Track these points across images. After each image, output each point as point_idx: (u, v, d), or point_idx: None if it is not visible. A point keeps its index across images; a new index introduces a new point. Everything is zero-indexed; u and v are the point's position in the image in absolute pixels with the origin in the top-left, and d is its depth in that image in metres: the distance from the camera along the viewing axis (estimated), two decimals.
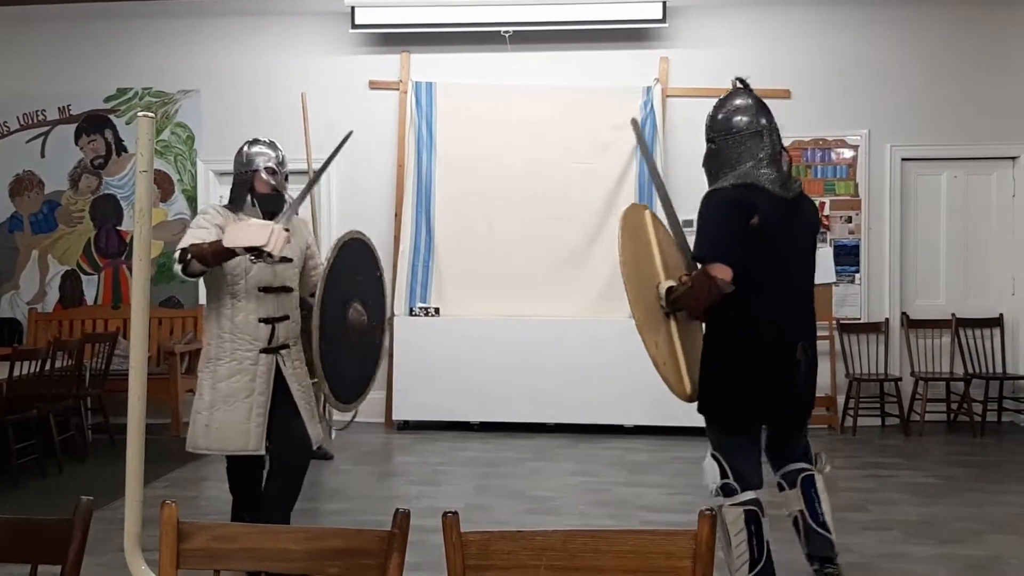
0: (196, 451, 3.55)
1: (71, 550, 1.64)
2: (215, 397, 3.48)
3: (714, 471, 3.12)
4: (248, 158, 3.64)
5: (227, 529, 1.66)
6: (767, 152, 3.11)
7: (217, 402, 3.48)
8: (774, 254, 3.05)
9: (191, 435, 3.54)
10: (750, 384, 3.05)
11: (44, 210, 7.57)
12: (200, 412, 3.51)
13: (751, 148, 3.10)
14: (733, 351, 3.07)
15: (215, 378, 3.50)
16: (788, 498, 3.32)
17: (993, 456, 6.11)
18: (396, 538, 1.57)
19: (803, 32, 7.12)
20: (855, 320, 7.04)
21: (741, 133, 3.13)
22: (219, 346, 3.51)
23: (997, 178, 7.17)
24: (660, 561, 1.54)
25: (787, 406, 3.11)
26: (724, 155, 3.14)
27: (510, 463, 5.79)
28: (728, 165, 3.11)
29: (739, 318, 3.02)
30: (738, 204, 3.00)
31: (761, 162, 3.09)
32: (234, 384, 3.49)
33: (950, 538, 4.23)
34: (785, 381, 3.06)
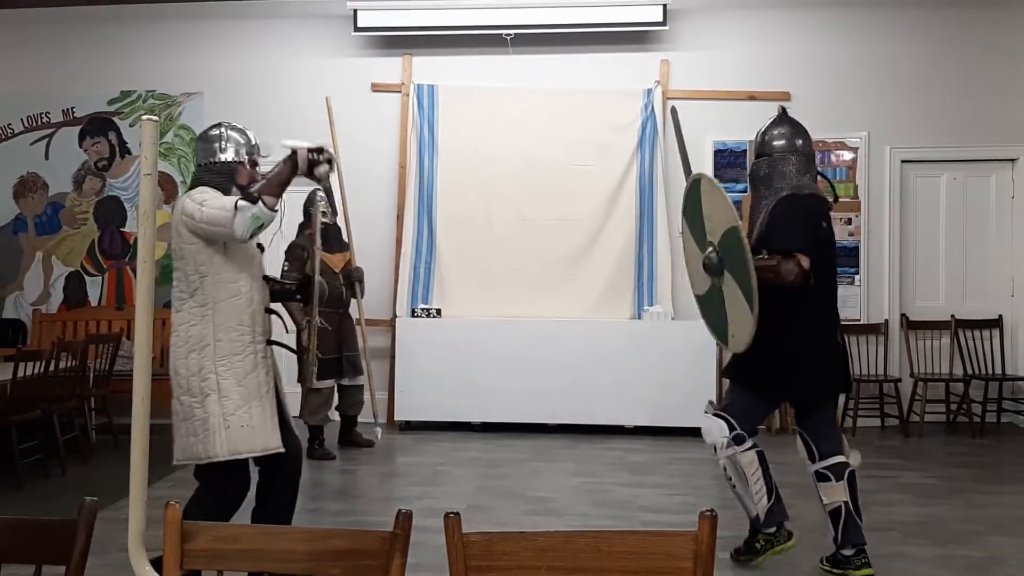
0: (237, 456, 3.21)
1: (75, 550, 1.66)
2: (245, 394, 3.24)
3: (720, 428, 3.64)
4: (225, 146, 3.43)
5: (230, 530, 1.69)
6: (814, 169, 3.74)
7: (249, 399, 3.24)
8: (831, 256, 3.70)
9: (226, 441, 3.19)
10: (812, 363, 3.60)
11: (48, 212, 7.60)
12: (234, 414, 3.20)
13: (800, 166, 3.66)
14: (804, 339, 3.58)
15: (238, 374, 3.24)
16: (833, 489, 3.63)
17: (992, 457, 6.12)
18: (398, 539, 1.59)
19: (803, 35, 7.15)
20: (855, 321, 7.06)
21: (795, 153, 3.68)
22: (236, 339, 3.25)
23: (996, 180, 7.19)
24: (661, 562, 1.56)
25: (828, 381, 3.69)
26: (778, 170, 3.66)
27: (511, 464, 5.81)
28: (784, 178, 3.64)
29: (809, 312, 3.57)
30: (814, 212, 3.61)
31: (814, 177, 3.72)
32: (258, 378, 3.29)
33: (949, 539, 4.25)
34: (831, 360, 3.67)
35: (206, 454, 3.22)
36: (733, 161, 7.11)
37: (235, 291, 3.28)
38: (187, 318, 3.28)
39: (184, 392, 3.26)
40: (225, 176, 3.38)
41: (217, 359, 3.24)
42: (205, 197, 3.23)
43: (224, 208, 3.12)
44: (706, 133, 7.13)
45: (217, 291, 3.26)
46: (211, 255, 3.24)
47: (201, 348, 3.24)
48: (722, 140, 7.14)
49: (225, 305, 3.26)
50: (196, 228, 3.21)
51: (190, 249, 3.25)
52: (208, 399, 3.21)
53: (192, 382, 3.25)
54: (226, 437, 3.20)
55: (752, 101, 7.12)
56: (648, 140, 7.07)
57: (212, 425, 3.20)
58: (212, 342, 3.24)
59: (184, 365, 3.26)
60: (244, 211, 3.07)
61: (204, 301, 3.26)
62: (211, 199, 3.21)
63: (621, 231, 7.10)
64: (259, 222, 3.13)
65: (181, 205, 3.28)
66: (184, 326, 3.28)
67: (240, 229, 3.09)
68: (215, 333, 3.24)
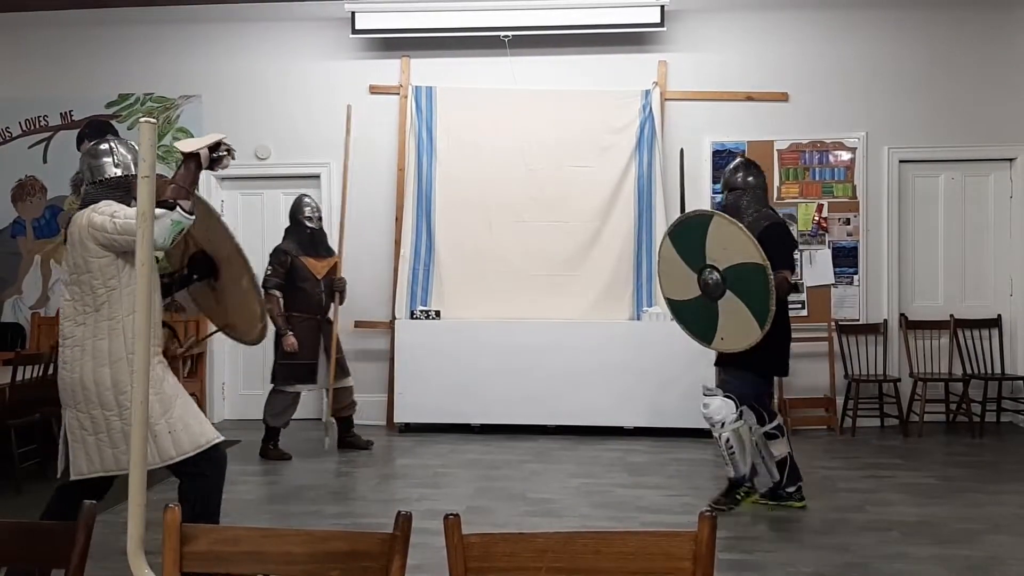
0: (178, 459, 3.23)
1: (74, 554, 1.66)
2: (163, 400, 3.23)
3: (729, 407, 4.57)
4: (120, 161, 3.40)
5: (230, 532, 1.69)
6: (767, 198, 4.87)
7: (168, 405, 3.25)
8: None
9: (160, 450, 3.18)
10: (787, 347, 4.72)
11: (46, 215, 7.60)
12: (158, 423, 3.17)
13: (758, 196, 4.74)
14: (785, 329, 4.63)
15: (153, 386, 3.14)
16: (780, 444, 4.69)
17: (992, 457, 6.12)
18: (398, 540, 1.59)
19: (801, 35, 7.15)
20: (854, 321, 7.06)
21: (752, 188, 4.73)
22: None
23: (995, 180, 7.19)
24: (661, 562, 1.57)
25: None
26: (753, 199, 4.70)
27: (511, 465, 5.81)
28: (762, 206, 4.72)
29: (784, 308, 4.60)
30: (790, 234, 4.81)
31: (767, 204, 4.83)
32: (170, 382, 3.32)
33: (949, 538, 4.25)
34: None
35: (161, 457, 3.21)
36: (731, 162, 7.10)
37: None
38: (94, 332, 3.25)
39: (95, 406, 3.24)
40: (123, 190, 3.35)
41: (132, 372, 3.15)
42: (114, 209, 3.23)
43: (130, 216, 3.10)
44: (704, 134, 7.14)
45: (124, 305, 3.24)
46: (119, 268, 3.23)
47: (113, 362, 3.22)
48: (720, 141, 7.14)
49: (132, 319, 3.20)
50: (110, 241, 3.19)
51: (98, 263, 3.22)
52: (127, 411, 3.14)
53: (106, 396, 3.23)
54: (178, 439, 3.23)
55: (750, 102, 7.12)
56: (646, 141, 7.07)
57: (158, 432, 3.19)
58: (124, 355, 3.22)
59: (93, 380, 3.23)
60: (163, 218, 3.08)
61: (112, 315, 3.24)
62: (121, 210, 3.22)
63: (620, 232, 7.10)
64: (180, 227, 3.17)
65: (87, 219, 3.25)
66: (91, 340, 3.24)
67: (161, 236, 3.08)
68: (126, 347, 3.22)
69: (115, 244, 3.19)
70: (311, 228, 6.19)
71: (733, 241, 4.40)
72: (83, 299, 3.27)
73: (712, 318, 4.56)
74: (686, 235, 4.66)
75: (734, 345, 4.52)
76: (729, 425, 4.57)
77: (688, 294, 4.68)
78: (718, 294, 4.52)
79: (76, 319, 3.27)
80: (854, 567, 3.86)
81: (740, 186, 4.71)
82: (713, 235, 4.49)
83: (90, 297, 3.25)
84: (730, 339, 4.53)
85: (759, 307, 4.32)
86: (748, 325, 4.38)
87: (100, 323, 3.24)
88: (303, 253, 6.09)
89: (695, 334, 4.77)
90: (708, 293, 4.56)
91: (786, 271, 4.48)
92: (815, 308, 7.08)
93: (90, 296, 3.25)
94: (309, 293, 6.08)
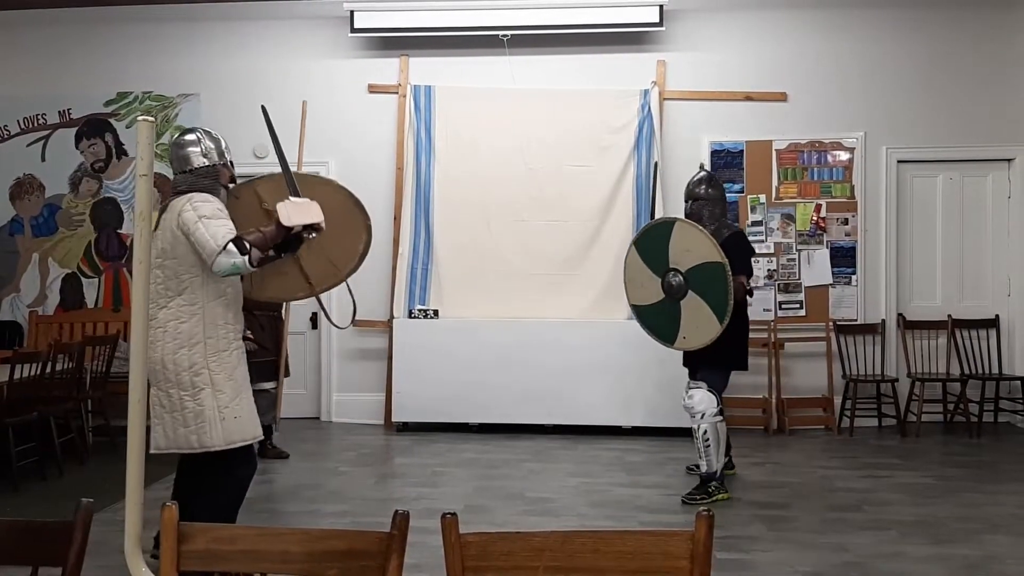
0: (232, 446, 3.41)
1: (72, 552, 1.66)
2: (235, 387, 3.45)
3: (712, 401, 4.91)
4: (207, 151, 3.58)
5: (227, 531, 1.69)
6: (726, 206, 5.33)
7: (238, 392, 3.46)
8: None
9: (222, 432, 3.38)
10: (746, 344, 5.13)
11: (45, 213, 7.59)
12: (227, 407, 3.40)
13: (719, 206, 5.18)
14: (745, 324, 5.08)
15: (227, 369, 3.44)
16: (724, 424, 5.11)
17: (989, 456, 6.12)
18: (395, 539, 1.59)
19: (800, 35, 7.15)
20: (852, 321, 7.07)
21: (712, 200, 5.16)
22: (223, 336, 3.45)
23: (993, 180, 7.19)
24: (658, 562, 1.57)
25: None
26: (715, 210, 5.14)
27: (509, 464, 5.81)
28: (720, 217, 5.15)
29: (743, 307, 5.01)
30: (748, 242, 5.28)
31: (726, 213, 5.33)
32: (243, 372, 3.52)
33: (946, 538, 4.26)
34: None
35: (200, 444, 3.38)
36: (730, 162, 7.12)
37: (222, 292, 3.46)
38: (176, 315, 3.40)
39: (172, 385, 3.39)
40: (210, 178, 3.54)
41: (208, 355, 3.40)
42: (205, 211, 3.36)
43: (215, 239, 3.29)
44: (703, 134, 7.14)
45: (207, 291, 3.42)
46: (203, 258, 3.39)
47: (191, 344, 3.39)
48: (719, 140, 7.15)
49: (214, 304, 3.42)
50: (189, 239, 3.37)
51: (183, 250, 3.39)
52: (202, 393, 3.38)
53: (183, 376, 3.38)
54: (222, 428, 3.38)
55: (749, 101, 7.13)
56: (645, 141, 7.07)
57: (208, 417, 3.37)
58: (203, 339, 3.40)
59: (173, 360, 3.38)
60: (230, 255, 3.27)
61: (194, 300, 3.40)
62: (211, 220, 3.34)
63: (618, 232, 7.09)
64: (236, 271, 3.33)
65: (179, 209, 3.39)
66: (173, 322, 3.39)
67: (219, 267, 3.29)
68: (205, 331, 3.40)
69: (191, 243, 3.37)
70: None
71: (695, 243, 4.77)
72: (167, 283, 3.42)
73: (675, 318, 4.91)
74: (650, 242, 5.05)
75: (695, 342, 4.84)
76: (709, 417, 4.88)
77: (652, 298, 5.03)
78: (681, 295, 4.85)
79: (159, 302, 3.42)
80: (852, 567, 3.87)
81: (703, 197, 5.15)
82: (676, 240, 4.86)
83: (174, 282, 3.41)
84: (692, 337, 4.86)
85: (718, 303, 4.66)
86: (709, 321, 4.72)
87: (182, 307, 3.40)
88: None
89: (659, 336, 5.08)
90: (671, 295, 4.90)
91: (743, 276, 4.90)
92: (813, 308, 7.08)
93: (174, 281, 3.41)
94: None
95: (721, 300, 4.64)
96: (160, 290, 3.41)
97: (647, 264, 5.02)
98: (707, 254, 4.69)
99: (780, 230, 7.13)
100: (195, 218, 3.34)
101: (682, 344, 4.98)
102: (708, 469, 4.91)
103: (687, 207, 5.20)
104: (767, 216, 7.11)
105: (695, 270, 4.76)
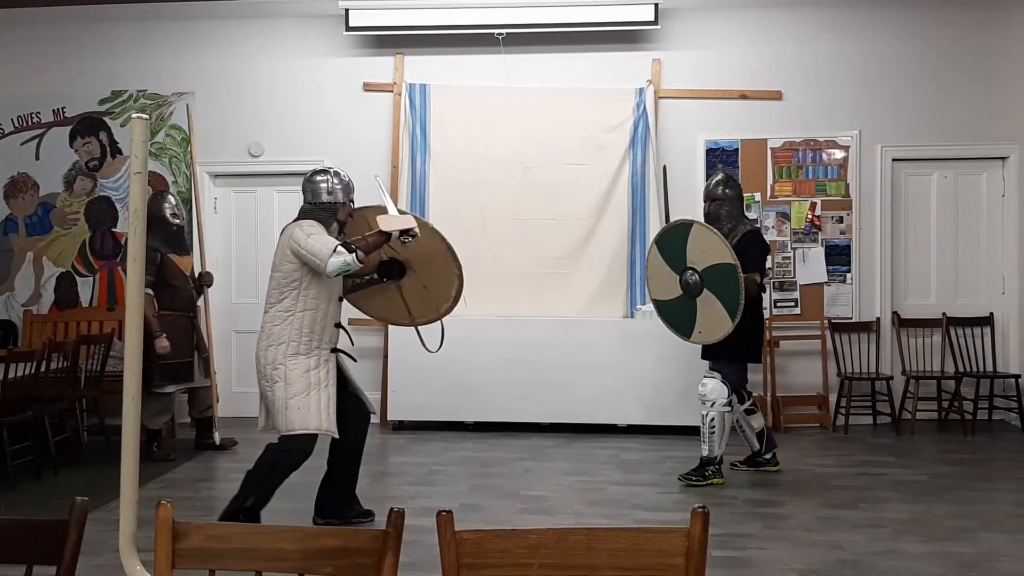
0: (293, 432, 4.06)
1: (66, 551, 1.66)
2: (306, 384, 4.07)
3: (722, 391, 5.15)
4: (332, 190, 4.26)
5: (222, 529, 1.68)
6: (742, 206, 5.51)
7: (308, 389, 4.07)
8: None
9: (286, 419, 4.05)
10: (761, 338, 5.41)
11: (39, 212, 7.56)
12: (293, 398, 4.05)
13: (736, 205, 5.37)
14: (759, 320, 5.29)
15: (300, 369, 4.08)
16: (758, 417, 5.45)
17: (984, 454, 6.14)
18: (390, 537, 1.59)
19: (795, 34, 7.16)
20: (847, 319, 7.08)
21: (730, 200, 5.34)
22: (305, 343, 4.11)
23: (987, 178, 7.21)
24: (653, 559, 1.57)
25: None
26: (732, 210, 5.32)
27: (504, 463, 5.81)
28: (737, 216, 5.33)
29: (759, 305, 5.26)
30: (763, 241, 5.46)
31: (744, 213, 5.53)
32: (318, 375, 4.12)
33: (941, 536, 4.27)
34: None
35: (274, 426, 4.15)
36: (725, 160, 7.12)
37: (314, 305, 4.14)
38: (272, 319, 4.14)
39: (262, 377, 4.15)
40: (330, 213, 4.25)
41: (288, 356, 4.09)
42: (313, 231, 4.08)
43: (326, 246, 3.98)
44: (698, 132, 7.15)
45: (300, 302, 4.12)
46: (302, 274, 4.10)
47: (277, 344, 4.10)
48: (714, 139, 7.15)
49: (303, 315, 4.12)
50: (298, 252, 4.06)
51: (288, 267, 4.11)
52: (276, 385, 4.09)
53: (267, 369, 4.12)
54: (286, 417, 4.07)
55: (744, 100, 7.13)
56: (640, 139, 7.08)
57: (279, 406, 4.09)
58: (287, 341, 4.10)
59: (263, 356, 4.14)
60: (340, 256, 3.95)
61: (289, 308, 4.12)
62: (318, 234, 4.06)
63: (614, 230, 7.11)
64: (347, 267, 3.99)
65: (291, 231, 4.14)
66: (268, 325, 4.15)
67: (331, 268, 3.96)
68: (290, 335, 4.10)
69: (299, 255, 4.06)
70: (176, 224, 6.19)
71: (710, 245, 5.03)
72: (271, 292, 4.19)
73: (692, 314, 5.19)
74: (670, 242, 5.30)
75: (709, 337, 5.12)
76: (718, 406, 5.15)
77: (671, 294, 5.29)
78: (697, 292, 5.12)
79: (265, 307, 4.22)
80: (847, 564, 3.88)
81: (720, 197, 5.34)
82: (693, 240, 5.12)
83: (275, 292, 4.16)
84: (706, 332, 5.13)
85: (731, 302, 4.92)
86: (722, 319, 4.98)
87: (278, 313, 4.13)
88: (170, 250, 6.09)
89: (677, 329, 5.37)
90: (688, 292, 5.16)
91: (756, 273, 5.10)
92: (808, 306, 7.10)
93: (275, 291, 4.16)
94: (180, 290, 6.11)
95: (733, 300, 4.89)
96: (267, 297, 4.21)
97: (667, 262, 5.28)
98: (720, 255, 4.95)
99: (775, 228, 7.14)
100: (305, 236, 4.04)
101: (697, 339, 5.25)
102: (709, 453, 5.19)
103: (706, 207, 5.41)
104: (762, 214, 7.12)
105: (710, 270, 5.02)
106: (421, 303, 4.63)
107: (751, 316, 5.03)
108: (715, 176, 5.51)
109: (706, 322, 5.10)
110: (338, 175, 4.33)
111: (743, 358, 5.27)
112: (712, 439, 5.16)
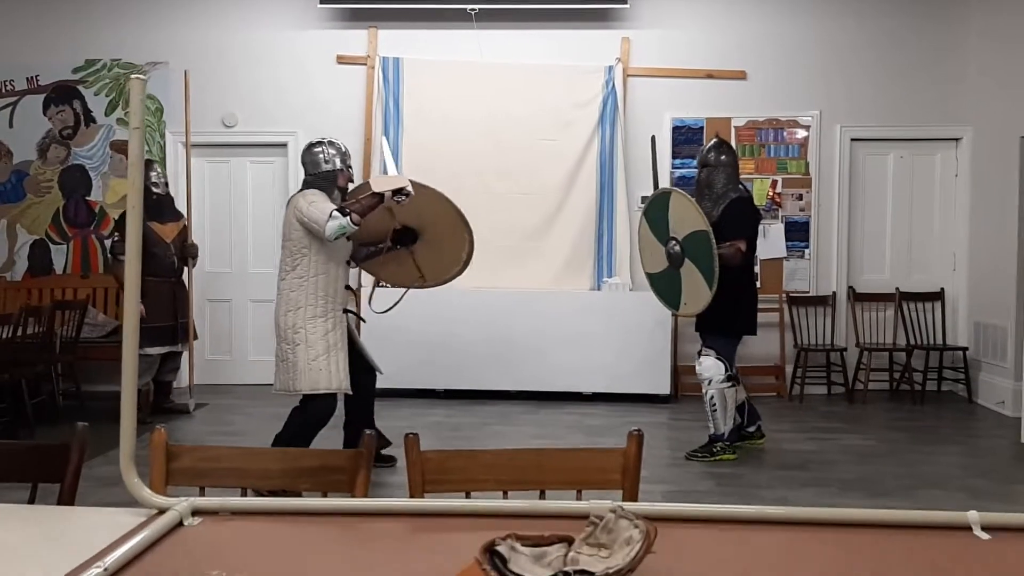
0: (316, 391, 4.35)
1: (69, 470, 1.83)
2: (325, 346, 4.34)
3: (719, 368, 5.06)
4: (329, 158, 4.53)
5: (212, 451, 1.86)
6: (738, 176, 5.30)
7: (328, 350, 4.35)
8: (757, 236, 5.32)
9: (308, 380, 4.32)
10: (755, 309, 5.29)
11: (12, 180, 7.60)
12: (315, 360, 4.33)
13: (730, 174, 5.17)
14: (749, 290, 5.23)
15: (319, 331, 4.35)
16: (740, 390, 5.26)
17: (931, 422, 6.42)
18: (363, 456, 1.78)
19: (760, 16, 7.34)
20: (804, 293, 7.33)
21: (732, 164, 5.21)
22: (322, 305, 4.38)
23: (941, 159, 7.47)
24: (595, 475, 1.77)
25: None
26: (726, 177, 5.15)
27: (473, 427, 6.01)
28: (731, 183, 5.16)
29: (751, 276, 5.29)
30: (755, 211, 5.33)
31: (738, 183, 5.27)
32: (335, 335, 4.41)
33: (882, 492, 4.54)
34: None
35: (295, 387, 4.37)
36: (690, 138, 7.32)
37: (324, 269, 4.41)
38: (290, 285, 4.39)
39: (282, 340, 4.39)
40: (330, 181, 4.52)
41: (307, 319, 4.36)
42: (315, 199, 4.35)
43: (323, 213, 4.23)
44: (664, 110, 7.33)
45: (312, 268, 4.37)
46: (310, 240, 4.34)
47: (296, 309, 4.36)
48: (680, 117, 7.35)
49: (316, 279, 4.38)
50: (301, 220, 4.31)
51: (296, 235, 4.36)
52: (298, 348, 4.34)
53: (287, 334, 4.36)
54: (307, 377, 4.33)
55: (710, 79, 7.32)
56: (608, 116, 7.25)
57: (300, 367, 4.34)
58: (304, 305, 4.36)
59: (283, 321, 4.38)
60: (336, 220, 4.19)
61: (303, 274, 4.37)
62: (318, 202, 4.32)
63: (582, 205, 7.29)
64: (344, 230, 4.23)
65: (295, 201, 4.41)
66: (286, 291, 4.40)
67: (329, 231, 4.20)
68: (307, 299, 4.36)
69: (304, 224, 4.31)
70: (157, 193, 6.35)
71: (686, 212, 4.95)
72: (284, 260, 4.44)
73: (677, 286, 5.15)
74: (655, 213, 5.24)
75: (693, 308, 5.07)
76: (716, 383, 5.09)
77: (660, 266, 5.25)
78: (679, 263, 5.07)
79: (280, 274, 4.47)
80: None
81: (712, 163, 5.19)
82: (673, 209, 5.06)
83: (289, 259, 4.41)
84: (691, 303, 5.08)
85: (706, 268, 4.84)
86: (702, 287, 4.90)
87: (293, 279, 4.39)
88: (149, 219, 6.21)
89: (666, 302, 5.38)
90: (672, 263, 5.12)
91: (740, 240, 4.95)
92: (767, 280, 7.33)
93: (288, 258, 4.41)
94: (160, 257, 6.25)
95: (708, 266, 4.80)
96: (281, 265, 4.45)
97: (653, 233, 5.25)
98: (695, 223, 4.88)
99: None
100: (307, 204, 4.32)
101: (684, 310, 5.23)
102: (715, 431, 5.16)
103: (699, 174, 5.29)
104: None
105: (689, 239, 4.97)
106: (433, 267, 4.96)
107: (743, 286, 5.00)
108: (710, 141, 5.42)
109: (690, 292, 5.03)
110: (333, 144, 4.60)
111: (737, 330, 5.20)
112: (716, 416, 5.11)
